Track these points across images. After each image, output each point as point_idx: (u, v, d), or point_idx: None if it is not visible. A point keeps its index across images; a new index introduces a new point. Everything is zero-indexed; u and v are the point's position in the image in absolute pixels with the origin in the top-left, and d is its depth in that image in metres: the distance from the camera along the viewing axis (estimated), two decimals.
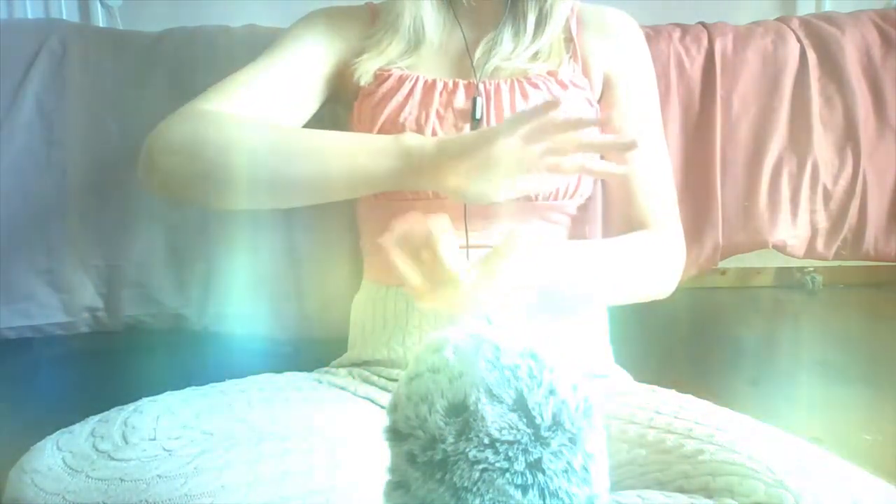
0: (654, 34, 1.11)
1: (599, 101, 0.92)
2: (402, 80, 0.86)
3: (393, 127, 0.84)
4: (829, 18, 1.16)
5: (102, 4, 1.64)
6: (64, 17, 1.60)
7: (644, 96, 0.93)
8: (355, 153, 0.76)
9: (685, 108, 1.11)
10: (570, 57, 0.89)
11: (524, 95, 0.85)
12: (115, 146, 1.05)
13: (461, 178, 0.72)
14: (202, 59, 1.08)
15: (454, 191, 0.73)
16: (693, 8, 1.31)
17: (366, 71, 0.88)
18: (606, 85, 0.91)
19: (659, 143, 0.93)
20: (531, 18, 0.88)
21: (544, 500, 0.44)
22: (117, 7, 1.63)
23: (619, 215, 0.91)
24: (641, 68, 0.94)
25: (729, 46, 1.12)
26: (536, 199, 0.84)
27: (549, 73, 0.87)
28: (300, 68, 0.88)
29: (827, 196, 1.12)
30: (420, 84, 0.86)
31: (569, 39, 0.90)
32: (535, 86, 0.86)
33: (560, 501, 0.45)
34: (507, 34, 0.88)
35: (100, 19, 1.65)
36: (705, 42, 1.13)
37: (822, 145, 1.12)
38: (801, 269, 1.71)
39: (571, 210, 0.89)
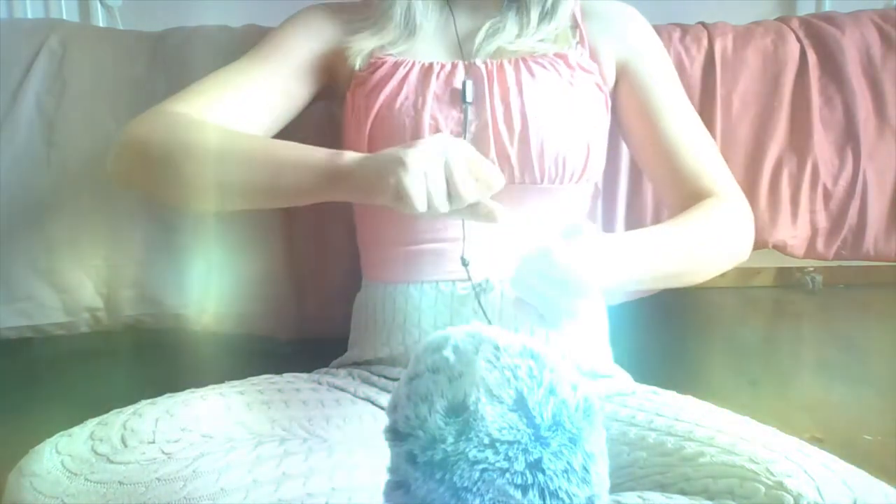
0: None
1: (617, 89, 0.91)
2: (396, 66, 0.85)
3: (389, 113, 0.83)
4: (829, 18, 1.16)
5: (102, 4, 1.64)
6: (64, 17, 1.60)
7: (662, 71, 0.92)
8: (295, 164, 0.74)
9: None
10: (578, 43, 0.89)
11: (531, 74, 0.84)
12: None
13: (388, 196, 0.68)
14: (202, 59, 1.08)
15: (392, 205, 0.70)
16: (693, 8, 1.30)
17: (360, 51, 0.86)
18: (621, 70, 0.91)
19: (690, 113, 0.92)
20: (534, 9, 0.87)
21: (544, 500, 0.44)
22: (117, 7, 1.63)
23: (671, 193, 0.89)
24: (652, 47, 0.93)
25: (729, 46, 1.12)
26: (541, 181, 0.83)
27: (557, 55, 0.86)
28: (282, 68, 0.87)
29: (827, 196, 1.12)
30: (416, 68, 0.85)
31: (574, 27, 0.90)
32: (542, 65, 0.85)
33: (560, 501, 0.45)
34: (510, 21, 0.87)
35: (100, 19, 1.65)
36: (705, 42, 1.13)
37: (822, 145, 1.12)
38: (801, 269, 1.71)
39: (580, 198, 0.88)
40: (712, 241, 0.83)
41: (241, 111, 0.84)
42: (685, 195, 0.87)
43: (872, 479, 0.58)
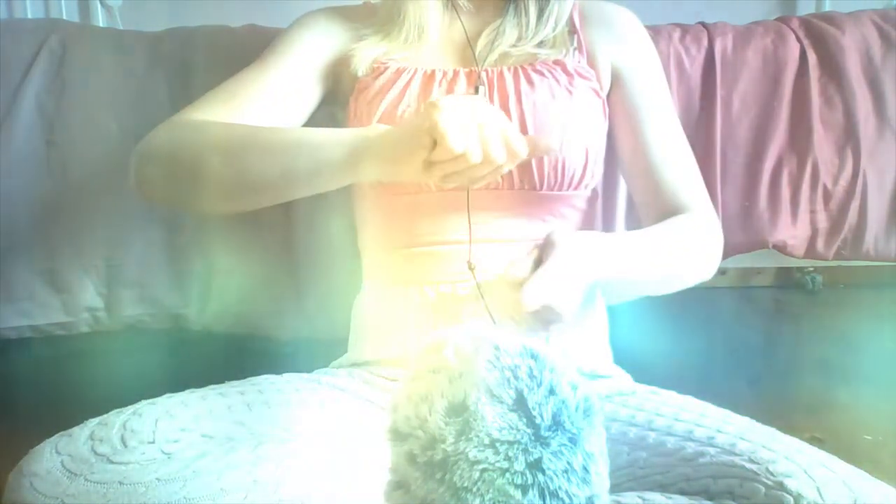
0: (654, 34, 1.11)
1: (609, 95, 0.91)
2: (399, 73, 0.85)
3: (391, 120, 0.82)
4: (829, 18, 1.16)
5: (102, 4, 1.64)
6: (64, 17, 1.60)
7: (654, 85, 0.93)
8: (319, 144, 0.74)
9: (685, 108, 1.11)
10: (576, 48, 0.89)
11: (529, 82, 0.84)
12: (115, 146, 1.05)
13: (408, 166, 0.67)
14: (202, 59, 1.08)
15: (410, 178, 0.70)
16: (693, 8, 1.31)
17: (363, 58, 0.87)
18: (615, 78, 0.91)
19: (675, 129, 0.92)
20: (533, 11, 0.88)
21: (544, 500, 0.45)
22: (117, 7, 1.64)
23: (648, 205, 0.90)
24: (647, 59, 0.93)
25: (729, 46, 1.12)
26: (541, 188, 0.83)
27: (556, 62, 0.87)
28: (294, 72, 0.87)
29: (827, 196, 1.12)
30: (419, 75, 0.85)
31: (572, 32, 0.90)
32: (541, 73, 0.85)
33: (560, 501, 0.45)
34: (509, 25, 0.88)
35: (100, 19, 1.65)
36: (705, 42, 1.12)
37: (822, 145, 1.11)
38: (801, 269, 1.71)
39: (579, 203, 0.88)
40: (680, 255, 0.85)
41: (263, 115, 0.84)
42: (661, 208, 0.88)
43: (872, 479, 0.58)
